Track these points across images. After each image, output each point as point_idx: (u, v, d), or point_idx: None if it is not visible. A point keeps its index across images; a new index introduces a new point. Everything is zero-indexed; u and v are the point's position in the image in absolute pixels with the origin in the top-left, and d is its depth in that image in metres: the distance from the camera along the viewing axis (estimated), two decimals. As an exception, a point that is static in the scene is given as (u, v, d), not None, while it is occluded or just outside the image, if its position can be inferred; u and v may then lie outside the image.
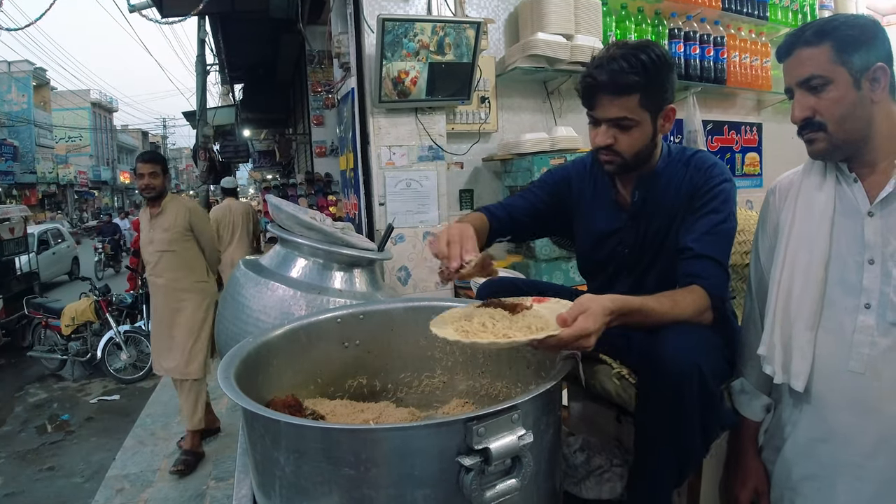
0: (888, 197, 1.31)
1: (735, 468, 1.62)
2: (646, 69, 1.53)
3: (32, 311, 7.26)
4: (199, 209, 4.39)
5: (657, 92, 1.58)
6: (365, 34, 3.44)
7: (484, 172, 4.04)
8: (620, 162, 1.64)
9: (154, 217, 4.11)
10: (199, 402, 4.19)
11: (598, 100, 1.59)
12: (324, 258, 2.10)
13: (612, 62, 1.54)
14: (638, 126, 1.59)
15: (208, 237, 4.29)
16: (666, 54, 1.59)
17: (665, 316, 1.42)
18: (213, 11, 7.02)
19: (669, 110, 1.63)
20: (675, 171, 1.69)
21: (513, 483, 1.06)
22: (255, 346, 1.50)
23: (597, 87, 1.58)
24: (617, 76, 1.53)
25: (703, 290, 1.50)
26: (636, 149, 1.62)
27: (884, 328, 1.30)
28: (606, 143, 1.61)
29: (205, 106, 8.75)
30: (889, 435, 1.31)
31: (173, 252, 4.07)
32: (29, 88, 30.44)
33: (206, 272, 4.25)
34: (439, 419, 1.35)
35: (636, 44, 1.58)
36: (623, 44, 1.59)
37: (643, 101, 1.56)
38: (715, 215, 1.59)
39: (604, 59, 1.56)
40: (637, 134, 1.60)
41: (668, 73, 1.59)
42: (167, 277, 4.10)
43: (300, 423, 1.12)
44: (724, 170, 1.66)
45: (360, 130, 3.54)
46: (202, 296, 4.17)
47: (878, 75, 1.30)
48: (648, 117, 1.59)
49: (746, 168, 5.05)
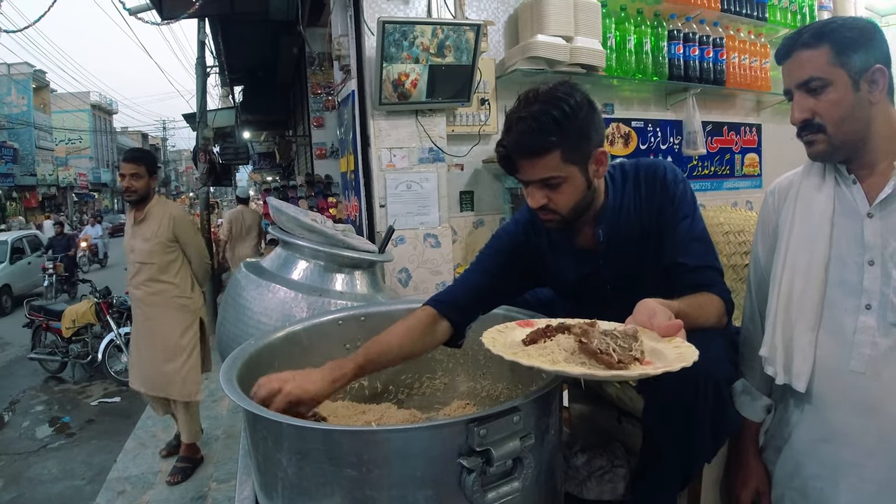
0: (887, 198, 1.32)
1: (736, 468, 1.62)
2: (559, 125, 1.39)
3: (33, 314, 7.27)
4: (185, 217, 3.98)
5: (578, 143, 1.44)
6: (365, 36, 3.44)
7: (484, 174, 4.04)
8: (560, 219, 1.53)
9: (136, 223, 3.77)
10: (197, 418, 4.08)
11: (517, 165, 1.47)
12: (325, 260, 2.10)
13: (521, 124, 1.41)
14: (567, 181, 1.47)
15: (195, 248, 3.91)
16: (583, 99, 1.44)
17: (696, 320, 1.39)
18: (212, 13, 7.02)
19: (600, 154, 1.49)
20: (628, 195, 1.60)
21: (514, 484, 1.06)
22: (257, 348, 1.51)
23: (510, 154, 1.46)
24: (529, 140, 1.41)
25: (717, 296, 1.48)
26: (572, 203, 1.51)
27: (885, 329, 1.30)
28: (540, 204, 1.50)
29: (205, 108, 8.74)
30: (890, 434, 1.31)
31: (153, 265, 3.73)
32: (29, 91, 30.48)
33: (190, 287, 3.88)
34: (441, 421, 1.35)
35: (547, 97, 1.42)
36: (534, 97, 1.43)
37: (565, 156, 1.43)
38: (686, 220, 1.54)
39: (513, 121, 1.44)
40: (568, 189, 1.48)
41: (589, 118, 1.45)
42: (145, 291, 3.77)
43: (302, 424, 1.12)
44: (675, 171, 1.59)
45: (361, 132, 3.55)
46: (183, 314, 3.82)
47: (876, 77, 1.31)
48: (576, 169, 1.46)
49: (746, 169, 5.05)
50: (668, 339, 1.18)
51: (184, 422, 4.04)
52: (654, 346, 1.17)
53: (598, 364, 1.09)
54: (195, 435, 4.11)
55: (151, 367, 3.83)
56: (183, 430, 4.10)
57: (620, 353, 1.09)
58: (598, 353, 1.09)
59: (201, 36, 8.61)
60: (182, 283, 3.82)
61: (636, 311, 1.26)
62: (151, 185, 3.77)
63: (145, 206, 3.74)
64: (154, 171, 3.80)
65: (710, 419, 1.35)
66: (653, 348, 1.16)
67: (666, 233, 1.56)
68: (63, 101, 35.96)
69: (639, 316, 1.24)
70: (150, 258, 3.72)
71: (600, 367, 1.08)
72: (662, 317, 1.21)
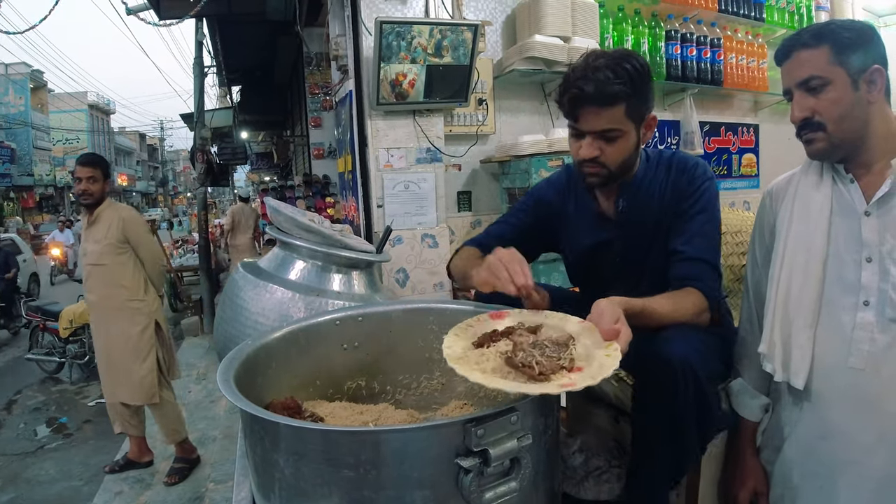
0: (884, 196, 1.33)
1: (734, 468, 1.63)
2: (631, 79, 1.49)
3: (30, 314, 7.25)
4: (135, 218, 3.93)
5: (641, 101, 1.55)
6: (363, 37, 3.44)
7: (482, 174, 4.05)
8: (606, 174, 1.60)
9: (88, 226, 3.79)
10: (172, 418, 4.02)
11: (583, 112, 1.54)
12: (322, 260, 2.10)
13: (598, 72, 1.49)
14: (624, 136, 1.55)
15: (147, 250, 3.89)
16: (646, 63, 1.55)
17: (666, 317, 1.42)
18: (210, 13, 7.01)
19: (651, 119, 1.61)
20: (657, 176, 1.67)
21: (512, 485, 1.06)
22: (254, 348, 1.50)
23: (583, 99, 1.52)
24: (604, 86, 1.49)
25: (699, 292, 1.50)
26: (622, 159, 1.59)
27: (883, 325, 1.32)
28: (592, 156, 1.56)
29: (202, 108, 8.73)
30: (889, 431, 1.32)
31: (104, 266, 3.72)
32: (26, 91, 30.45)
33: (142, 290, 3.84)
34: (438, 421, 1.35)
35: (617, 53, 1.55)
36: (602, 53, 1.54)
37: (629, 111, 1.53)
38: (702, 215, 1.59)
39: (588, 69, 1.51)
40: (622, 144, 1.57)
41: (649, 82, 1.56)
42: (98, 294, 3.78)
43: (299, 425, 1.12)
44: (706, 169, 1.65)
45: (359, 133, 3.55)
46: (136, 316, 3.79)
47: (874, 77, 1.33)
48: (633, 127, 1.56)
49: (743, 169, 5.06)
50: (607, 345, 1.20)
51: (159, 426, 4.01)
52: (594, 351, 1.19)
53: (521, 376, 1.12)
54: (176, 435, 4.06)
55: (105, 372, 3.85)
56: (162, 433, 4.07)
57: (544, 365, 1.12)
58: (520, 367, 1.13)
59: (199, 36, 8.61)
60: (134, 286, 3.81)
61: (592, 309, 1.29)
62: (105, 189, 3.82)
63: (97, 209, 3.76)
64: (108, 175, 3.86)
65: (694, 412, 1.37)
66: (588, 354, 1.19)
67: (679, 221, 1.61)
68: (60, 101, 35.94)
69: (592, 315, 1.28)
70: (101, 259, 3.73)
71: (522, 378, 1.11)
72: (608, 319, 1.24)
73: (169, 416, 4.00)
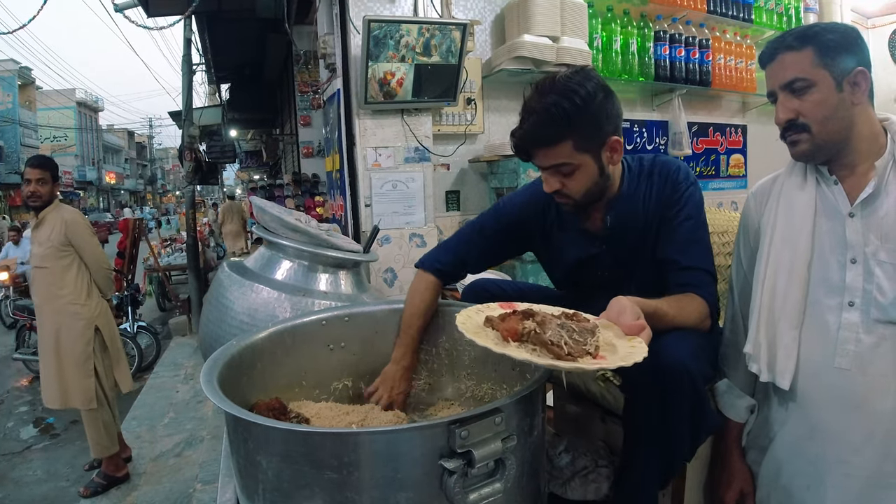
0: (868, 198, 1.34)
1: (720, 470, 1.63)
2: (569, 116, 1.44)
3: (17, 313, 7.19)
4: (78, 221, 3.80)
5: (590, 132, 1.49)
6: (351, 35, 3.43)
7: (470, 174, 4.04)
8: (573, 203, 1.58)
9: (34, 228, 3.75)
10: (100, 430, 3.84)
11: (532, 153, 1.54)
12: (309, 260, 2.09)
13: (533, 116, 1.48)
14: (580, 169, 1.52)
15: (91, 253, 3.81)
16: (597, 87, 1.48)
17: (674, 321, 1.43)
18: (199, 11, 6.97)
19: (614, 142, 1.53)
20: (641, 187, 1.65)
21: (496, 486, 1.06)
22: (239, 348, 1.49)
23: (525, 144, 1.53)
24: (540, 130, 1.48)
25: (702, 299, 1.51)
26: (584, 189, 1.56)
27: (868, 325, 1.32)
28: (554, 189, 1.56)
29: (191, 106, 8.66)
30: (876, 430, 1.33)
31: (46, 269, 3.68)
32: (14, 88, 30.21)
33: (85, 294, 3.77)
34: (422, 423, 1.35)
35: (560, 86, 1.47)
36: (549, 87, 1.49)
37: (577, 144, 1.49)
38: (690, 221, 1.58)
39: (526, 112, 1.51)
40: (581, 176, 1.53)
41: (602, 107, 1.48)
42: (41, 297, 3.74)
43: (281, 426, 1.11)
44: (688, 173, 1.63)
45: (346, 131, 3.54)
46: (74, 321, 3.72)
47: (858, 79, 1.33)
48: (589, 157, 1.51)
49: (731, 170, 5.08)
50: (629, 338, 1.21)
51: (89, 435, 3.87)
52: (616, 342, 1.21)
53: (548, 354, 1.12)
54: (104, 449, 3.89)
55: (45, 377, 3.80)
56: (90, 444, 3.90)
57: (572, 346, 1.12)
58: (549, 344, 1.13)
59: (187, 33, 8.54)
60: (76, 290, 3.75)
61: (609, 306, 1.30)
62: (55, 192, 3.78)
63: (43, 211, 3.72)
64: (57, 177, 3.82)
65: (688, 415, 1.38)
66: (612, 344, 1.20)
67: (666, 229, 1.60)
68: (48, 99, 35.68)
69: (610, 312, 1.29)
70: (44, 262, 3.68)
71: (549, 356, 1.11)
72: (630, 316, 1.25)
73: (98, 428, 3.86)
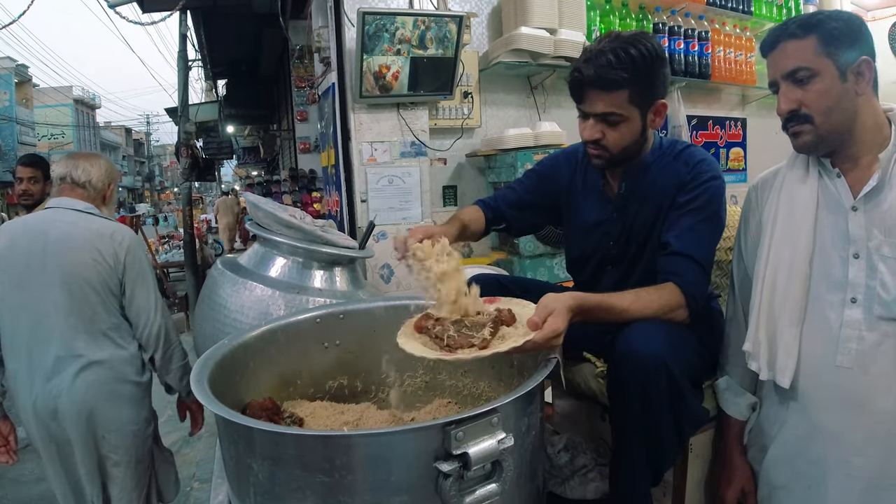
0: (872, 191, 1.31)
1: (721, 468, 1.61)
2: (635, 65, 1.49)
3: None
4: None
5: (646, 88, 1.55)
6: (345, 28, 3.39)
7: (467, 168, 4.01)
8: (608, 157, 1.61)
9: None
10: None
11: (586, 94, 1.56)
12: (303, 257, 2.06)
13: (601, 56, 1.50)
14: (626, 122, 1.56)
15: None
16: (657, 48, 1.54)
17: (627, 311, 1.42)
18: (194, 6, 6.93)
19: (660, 105, 1.61)
20: (664, 165, 1.66)
21: (493, 488, 1.03)
22: (232, 347, 1.47)
23: (584, 82, 1.54)
24: (604, 72, 1.50)
25: (676, 287, 1.49)
26: (624, 144, 1.59)
27: (871, 322, 1.29)
28: (594, 138, 1.59)
29: (187, 102, 8.63)
30: (878, 430, 1.30)
31: None
32: (11, 85, 30.07)
33: None
34: (416, 424, 1.32)
35: (628, 37, 1.53)
36: (616, 36, 1.54)
37: (632, 96, 1.53)
38: (697, 213, 1.56)
39: (593, 52, 1.53)
40: (625, 129, 1.57)
41: (658, 68, 1.55)
42: None
43: (271, 429, 1.08)
44: (713, 166, 1.63)
45: (341, 126, 3.50)
46: None
47: (862, 69, 1.30)
48: (637, 113, 1.57)
49: (731, 163, 5.05)
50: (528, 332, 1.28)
51: None
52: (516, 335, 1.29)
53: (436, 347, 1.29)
54: None
55: None
56: None
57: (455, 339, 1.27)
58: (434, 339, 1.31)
59: (183, 28, 8.49)
60: None
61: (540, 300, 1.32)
62: (46, 190, 3.73)
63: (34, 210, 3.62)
64: (48, 176, 3.73)
65: (668, 406, 1.36)
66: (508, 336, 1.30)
67: (674, 213, 1.60)
68: (45, 96, 35.54)
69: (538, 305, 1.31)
70: None
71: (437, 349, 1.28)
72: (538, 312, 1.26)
73: None
